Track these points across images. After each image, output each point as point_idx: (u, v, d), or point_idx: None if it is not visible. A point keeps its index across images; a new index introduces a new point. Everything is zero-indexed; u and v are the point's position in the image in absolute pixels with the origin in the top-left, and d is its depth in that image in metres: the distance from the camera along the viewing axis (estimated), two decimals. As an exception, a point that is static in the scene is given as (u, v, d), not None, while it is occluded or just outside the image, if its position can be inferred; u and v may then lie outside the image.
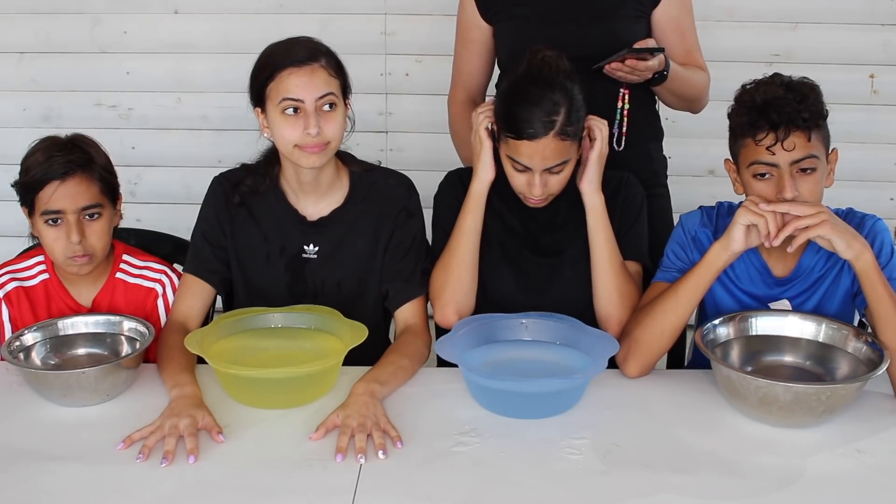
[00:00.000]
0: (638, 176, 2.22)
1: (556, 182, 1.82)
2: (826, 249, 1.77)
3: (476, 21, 2.20)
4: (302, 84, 1.75)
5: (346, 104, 1.83)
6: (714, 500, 1.45)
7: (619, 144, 2.14)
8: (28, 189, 1.81)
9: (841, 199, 1.78)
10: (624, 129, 2.13)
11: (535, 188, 1.80)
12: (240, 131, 3.44)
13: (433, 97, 3.34)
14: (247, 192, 1.92)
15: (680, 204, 2.34)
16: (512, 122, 1.77)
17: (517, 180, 1.83)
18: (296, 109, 1.75)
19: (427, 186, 1.98)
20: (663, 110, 2.31)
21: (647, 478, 1.49)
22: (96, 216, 1.85)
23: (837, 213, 1.81)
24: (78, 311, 1.92)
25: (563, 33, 2.10)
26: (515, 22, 2.16)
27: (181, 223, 2.08)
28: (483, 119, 1.85)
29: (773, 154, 1.68)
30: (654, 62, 2.01)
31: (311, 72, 1.75)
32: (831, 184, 1.75)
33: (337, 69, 1.80)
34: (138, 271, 1.96)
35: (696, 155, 3.36)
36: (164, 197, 3.51)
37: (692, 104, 2.25)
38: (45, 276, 1.94)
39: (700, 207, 1.93)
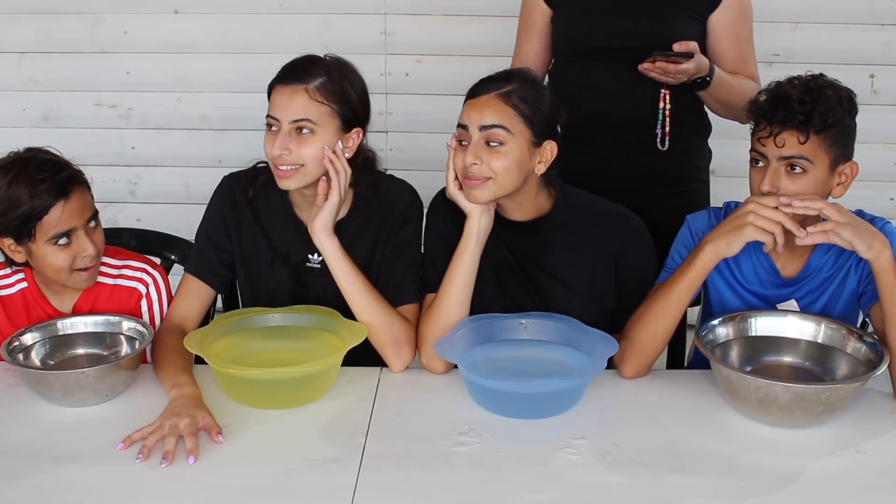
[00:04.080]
0: (679, 171, 2.21)
1: (496, 160, 1.73)
2: (833, 250, 1.78)
3: (539, 4, 2.22)
4: (280, 103, 1.75)
5: (350, 130, 1.81)
6: (713, 500, 1.45)
7: (662, 144, 2.15)
8: (28, 219, 1.73)
9: (842, 198, 1.77)
10: (667, 129, 2.13)
11: (468, 156, 1.73)
12: (240, 131, 3.45)
13: (433, 97, 3.36)
14: (261, 188, 1.91)
15: (680, 204, 2.34)
16: (469, 90, 1.79)
17: (458, 157, 1.77)
18: (274, 125, 1.76)
19: (427, 188, 1.98)
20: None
21: (646, 478, 1.49)
22: (96, 224, 1.84)
23: None
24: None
25: (616, 25, 2.12)
26: (574, 9, 2.18)
27: (181, 223, 2.08)
28: (448, 172, 1.81)
29: (765, 146, 1.71)
30: (690, 66, 2.01)
31: (292, 93, 1.74)
32: (839, 195, 1.75)
33: (333, 93, 1.76)
34: (118, 271, 1.92)
35: (696, 155, 3.36)
36: (164, 197, 3.51)
37: (737, 113, 2.19)
38: (24, 284, 1.89)
39: (707, 208, 1.93)
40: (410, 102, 3.40)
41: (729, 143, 2.09)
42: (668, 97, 2.11)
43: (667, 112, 2.12)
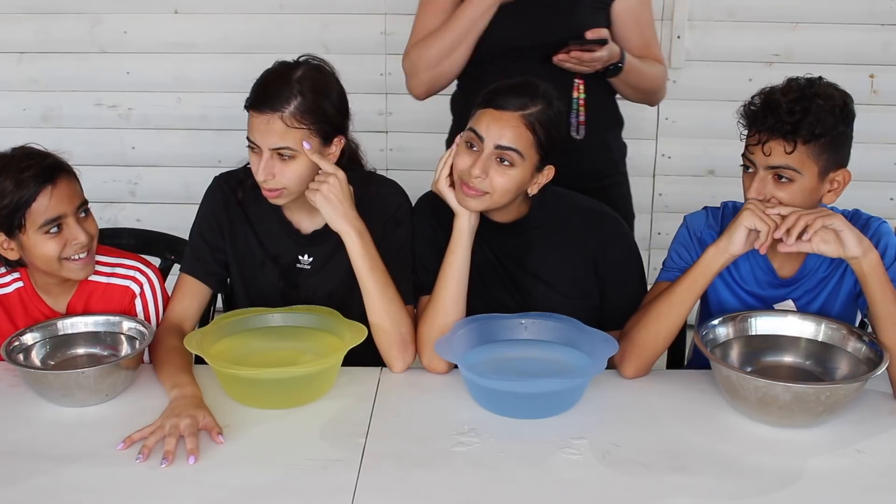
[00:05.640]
0: (596, 164, 2.21)
1: (500, 178, 1.73)
2: None
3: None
4: (259, 131, 1.75)
5: (330, 142, 1.80)
6: (714, 500, 1.45)
7: (577, 132, 2.15)
8: (16, 209, 1.73)
9: (841, 199, 1.77)
10: (581, 118, 2.14)
11: (475, 168, 1.73)
12: (240, 131, 3.44)
13: (433, 97, 3.35)
14: (251, 190, 1.90)
15: (680, 204, 2.34)
16: (488, 94, 1.77)
17: (463, 161, 1.77)
18: (255, 148, 1.77)
19: (426, 188, 1.98)
20: (663, 110, 2.31)
21: (646, 478, 1.49)
22: (87, 213, 1.83)
23: (844, 213, 1.82)
24: (54, 317, 1.88)
25: (524, 20, 2.11)
26: None
27: (181, 223, 2.07)
28: (443, 168, 1.81)
29: (753, 154, 1.71)
30: (604, 53, 2.03)
31: (268, 122, 1.73)
32: (830, 202, 1.75)
33: (308, 114, 1.74)
34: (111, 269, 1.91)
35: (696, 155, 3.36)
36: (164, 197, 3.51)
37: (649, 96, 2.28)
38: (20, 283, 1.89)
39: (705, 208, 1.92)
40: (410, 102, 3.37)
41: (728, 143, 2.08)
42: (581, 87, 2.11)
43: (581, 102, 2.13)
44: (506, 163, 1.73)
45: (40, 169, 1.75)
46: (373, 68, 3.33)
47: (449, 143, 2.32)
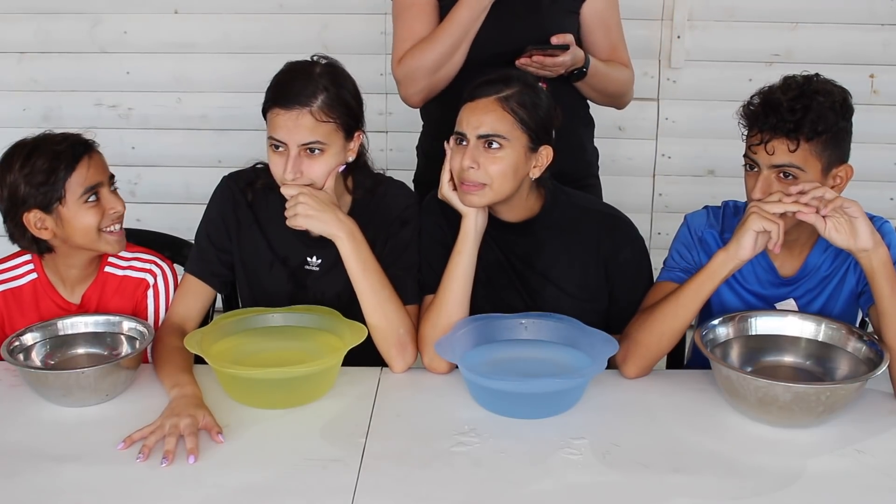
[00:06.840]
0: (572, 166, 2.18)
1: (493, 165, 1.73)
2: (831, 249, 1.77)
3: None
4: (286, 128, 1.74)
5: (352, 136, 1.81)
6: (714, 500, 1.45)
7: None
8: (55, 182, 1.77)
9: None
10: None
11: (466, 160, 1.74)
12: (240, 131, 3.45)
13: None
14: (260, 192, 1.91)
15: (680, 204, 2.34)
16: (466, 93, 1.77)
17: (455, 160, 1.77)
18: (280, 146, 1.76)
19: (426, 187, 1.99)
20: (663, 110, 2.31)
21: (646, 478, 1.49)
22: (115, 189, 1.89)
23: None
24: (68, 308, 1.91)
25: (509, 30, 2.11)
26: None
27: (181, 223, 2.08)
28: (444, 174, 1.81)
29: (756, 154, 1.71)
30: (567, 58, 2.03)
31: (297, 117, 1.73)
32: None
33: (335, 107, 1.75)
34: (127, 263, 1.95)
35: (696, 155, 3.36)
36: (164, 197, 3.51)
37: (615, 100, 2.28)
38: (34, 275, 1.91)
39: (705, 207, 1.92)
40: (411, 102, 3.40)
41: (728, 143, 2.09)
42: (544, 89, 2.11)
43: None
44: (494, 146, 1.74)
45: (73, 143, 1.83)
46: (373, 68, 3.33)
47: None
